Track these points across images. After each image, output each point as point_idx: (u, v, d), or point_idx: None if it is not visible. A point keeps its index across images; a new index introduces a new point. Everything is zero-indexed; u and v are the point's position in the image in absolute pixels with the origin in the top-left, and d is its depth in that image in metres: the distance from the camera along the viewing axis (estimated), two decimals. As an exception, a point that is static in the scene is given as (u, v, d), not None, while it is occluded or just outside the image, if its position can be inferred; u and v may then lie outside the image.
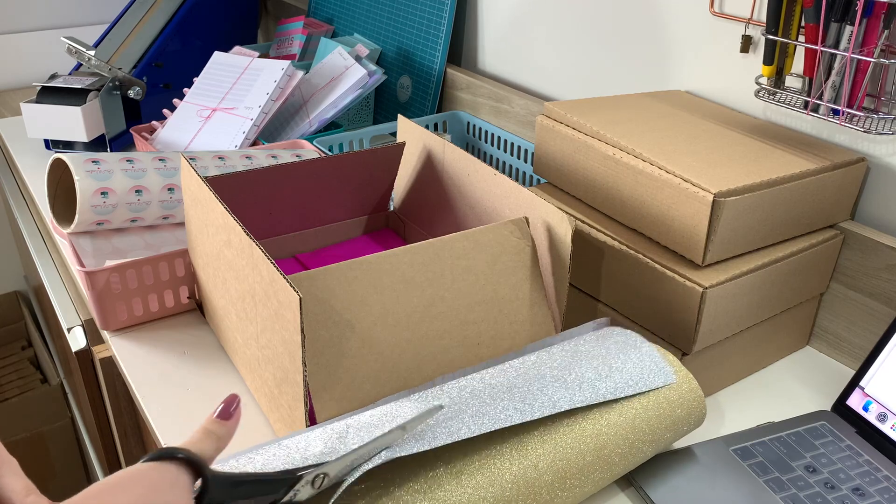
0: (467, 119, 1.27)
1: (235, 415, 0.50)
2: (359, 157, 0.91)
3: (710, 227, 0.70)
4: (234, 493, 0.47)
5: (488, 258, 0.71)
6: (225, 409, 0.50)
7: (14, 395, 1.68)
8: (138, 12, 1.44)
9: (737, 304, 0.74)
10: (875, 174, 0.82)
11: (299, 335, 0.59)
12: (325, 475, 0.50)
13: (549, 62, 1.20)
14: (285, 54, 1.56)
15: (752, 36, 0.89)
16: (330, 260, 0.93)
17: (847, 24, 0.73)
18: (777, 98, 0.84)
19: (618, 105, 0.90)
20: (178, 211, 0.93)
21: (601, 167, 0.80)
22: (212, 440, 0.48)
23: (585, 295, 0.84)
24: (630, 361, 0.66)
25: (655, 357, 0.67)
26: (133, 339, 0.85)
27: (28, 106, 1.22)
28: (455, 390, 0.61)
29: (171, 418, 0.74)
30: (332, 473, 0.51)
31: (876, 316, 0.81)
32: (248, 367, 0.75)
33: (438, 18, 1.30)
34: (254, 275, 0.65)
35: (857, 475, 0.67)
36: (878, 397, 0.73)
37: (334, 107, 1.23)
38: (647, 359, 0.67)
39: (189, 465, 0.45)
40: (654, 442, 0.64)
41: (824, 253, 0.81)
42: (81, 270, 0.80)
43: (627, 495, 0.67)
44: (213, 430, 0.49)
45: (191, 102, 1.23)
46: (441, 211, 0.91)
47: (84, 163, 0.86)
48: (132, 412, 1.00)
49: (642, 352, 0.67)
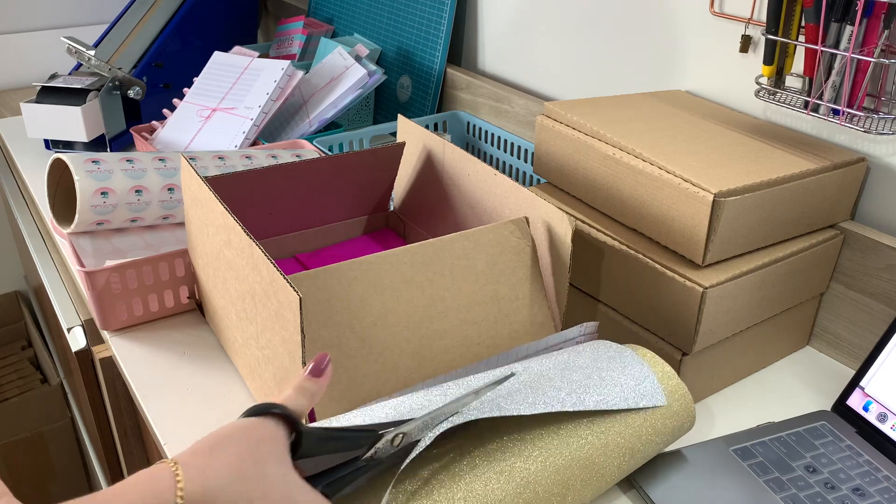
0: (467, 119, 1.27)
1: (326, 372, 0.52)
2: (359, 157, 0.91)
3: (710, 227, 0.70)
4: (323, 448, 0.50)
5: (488, 258, 0.71)
6: (316, 367, 0.52)
7: (14, 395, 1.68)
8: (138, 12, 1.44)
9: (737, 304, 0.74)
10: (875, 174, 0.82)
11: (299, 335, 0.59)
12: (403, 434, 0.53)
13: (549, 62, 1.20)
14: (285, 54, 1.56)
15: (752, 36, 0.89)
16: (330, 260, 0.93)
17: (847, 24, 0.73)
18: (777, 98, 0.84)
19: (618, 105, 0.90)
20: (178, 211, 0.93)
21: (601, 167, 0.80)
22: (305, 396, 0.50)
23: (585, 295, 0.84)
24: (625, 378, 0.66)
25: (649, 377, 0.67)
26: (133, 339, 0.85)
27: (28, 106, 1.22)
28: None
29: (171, 418, 0.74)
30: (409, 433, 0.53)
31: (876, 316, 0.81)
32: (248, 367, 0.75)
33: (438, 18, 1.30)
34: (254, 275, 0.65)
35: (857, 475, 0.67)
36: (878, 397, 0.73)
37: (334, 107, 1.23)
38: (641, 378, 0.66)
39: (285, 420, 0.48)
40: (644, 452, 0.64)
41: (824, 253, 0.81)
42: (81, 270, 0.80)
43: (627, 495, 0.67)
44: (306, 386, 0.51)
45: (191, 102, 1.23)
46: (441, 211, 0.91)
47: (84, 163, 0.86)
48: (132, 412, 1.00)
49: (635, 371, 0.67)
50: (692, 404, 0.67)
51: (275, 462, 0.46)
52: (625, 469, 0.64)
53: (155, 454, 0.98)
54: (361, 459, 0.52)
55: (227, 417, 0.74)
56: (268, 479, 0.45)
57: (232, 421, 0.47)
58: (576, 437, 0.61)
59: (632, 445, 0.63)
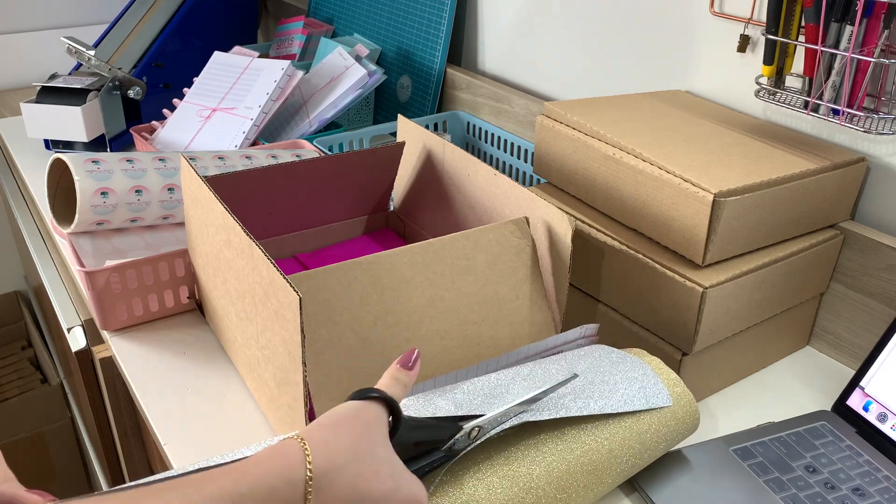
0: (467, 119, 1.27)
1: (416, 366, 0.54)
2: (359, 157, 0.91)
3: (710, 227, 0.70)
4: (414, 435, 0.53)
5: (488, 258, 0.71)
6: (406, 359, 0.54)
7: (14, 395, 1.68)
8: (138, 12, 1.44)
9: (737, 304, 0.74)
10: (875, 174, 0.82)
11: (299, 335, 0.59)
12: (479, 428, 0.56)
13: (548, 62, 1.20)
14: (285, 54, 1.56)
15: (751, 36, 0.89)
16: (330, 260, 0.93)
17: (847, 24, 0.73)
18: (777, 98, 0.84)
19: (618, 105, 0.90)
20: (178, 211, 0.93)
21: (601, 167, 0.80)
22: (399, 386, 0.53)
23: (585, 295, 0.84)
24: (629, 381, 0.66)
25: (652, 378, 0.67)
26: (133, 339, 0.85)
27: (28, 106, 1.22)
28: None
29: (171, 418, 0.74)
30: (485, 427, 0.56)
31: (876, 316, 0.81)
32: (248, 367, 0.75)
33: (438, 18, 1.30)
34: (254, 275, 0.65)
35: (857, 475, 0.67)
36: (878, 397, 0.73)
37: (334, 107, 1.23)
38: (645, 380, 0.66)
39: (387, 405, 0.51)
40: (647, 457, 0.64)
41: (824, 253, 0.81)
42: (81, 270, 0.80)
43: (626, 494, 0.67)
44: (399, 377, 0.53)
45: (191, 102, 1.23)
46: (441, 211, 0.91)
47: (84, 163, 0.86)
48: (132, 412, 1.00)
49: (638, 373, 0.67)
50: (697, 413, 0.67)
51: (382, 444, 0.49)
52: (627, 474, 0.64)
53: (155, 454, 0.98)
54: (441, 450, 0.55)
55: (227, 417, 0.74)
56: (377, 459, 0.48)
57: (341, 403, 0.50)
58: (580, 444, 0.61)
59: (636, 452, 0.63)
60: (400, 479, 0.48)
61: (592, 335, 0.74)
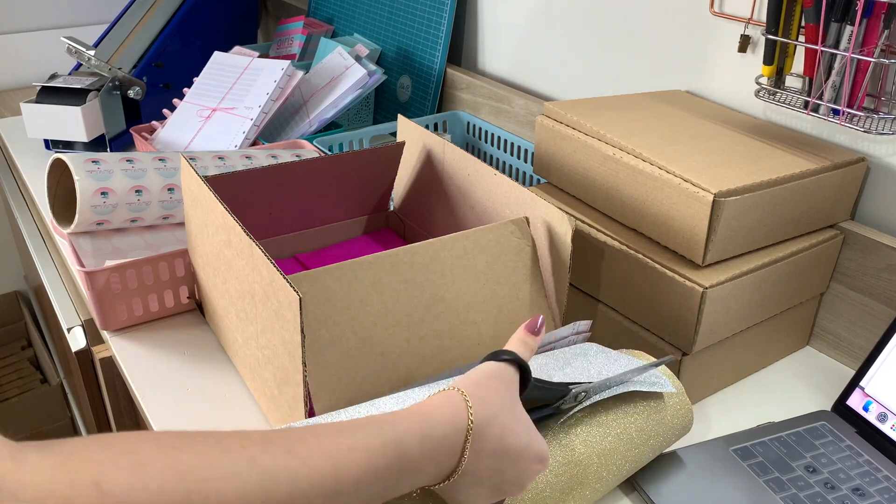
0: (467, 119, 1.27)
1: (541, 332, 0.58)
2: (359, 157, 0.91)
3: (710, 227, 0.70)
4: (534, 394, 0.57)
5: (488, 258, 0.71)
6: (532, 324, 0.57)
7: (14, 395, 1.68)
8: (138, 12, 1.44)
9: (737, 304, 0.74)
10: (875, 174, 0.82)
11: (299, 335, 0.59)
12: (585, 392, 0.61)
13: (548, 62, 1.20)
14: (285, 54, 1.56)
15: (751, 35, 0.89)
16: (330, 260, 0.93)
17: (847, 24, 0.73)
18: (777, 98, 0.84)
19: (618, 105, 0.90)
20: (178, 211, 0.93)
21: (601, 167, 0.80)
22: (526, 349, 0.56)
23: (585, 295, 0.83)
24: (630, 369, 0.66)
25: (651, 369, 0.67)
26: (133, 339, 0.85)
27: (28, 106, 1.22)
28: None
29: (171, 418, 0.74)
30: (589, 391, 0.61)
31: (876, 316, 0.80)
32: (248, 367, 0.75)
33: (438, 18, 1.30)
34: (254, 275, 0.65)
35: (857, 475, 0.67)
36: (878, 397, 0.73)
37: (334, 107, 1.23)
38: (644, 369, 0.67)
39: (518, 366, 0.54)
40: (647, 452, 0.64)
41: (824, 253, 0.81)
42: (81, 270, 0.80)
43: (626, 493, 0.67)
44: (525, 340, 0.57)
45: (191, 102, 1.23)
46: (441, 211, 0.91)
47: (84, 163, 0.86)
48: (132, 412, 1.00)
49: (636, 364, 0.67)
50: (690, 411, 0.68)
51: (518, 402, 0.53)
52: (625, 474, 0.64)
53: (155, 454, 0.98)
54: (551, 407, 0.60)
55: (227, 417, 0.74)
56: (515, 416, 0.52)
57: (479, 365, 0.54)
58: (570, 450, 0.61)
59: (627, 451, 0.63)
60: (532, 436, 0.52)
61: (585, 332, 0.73)
